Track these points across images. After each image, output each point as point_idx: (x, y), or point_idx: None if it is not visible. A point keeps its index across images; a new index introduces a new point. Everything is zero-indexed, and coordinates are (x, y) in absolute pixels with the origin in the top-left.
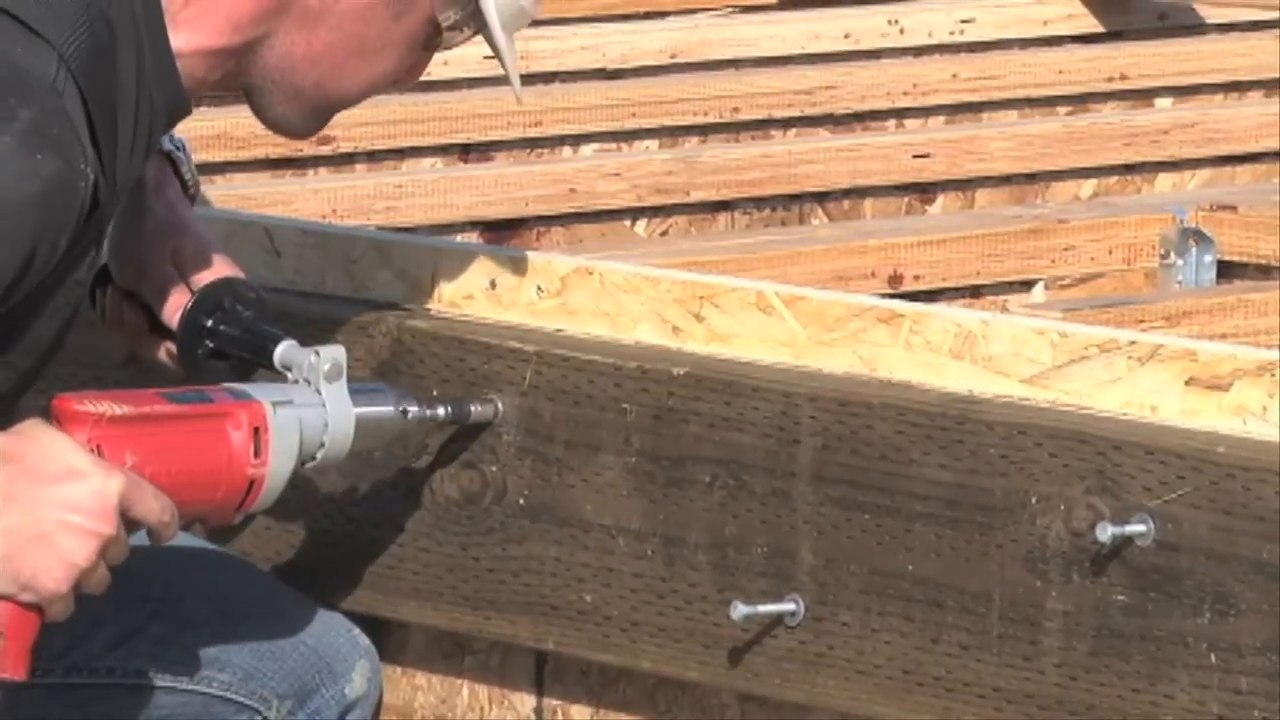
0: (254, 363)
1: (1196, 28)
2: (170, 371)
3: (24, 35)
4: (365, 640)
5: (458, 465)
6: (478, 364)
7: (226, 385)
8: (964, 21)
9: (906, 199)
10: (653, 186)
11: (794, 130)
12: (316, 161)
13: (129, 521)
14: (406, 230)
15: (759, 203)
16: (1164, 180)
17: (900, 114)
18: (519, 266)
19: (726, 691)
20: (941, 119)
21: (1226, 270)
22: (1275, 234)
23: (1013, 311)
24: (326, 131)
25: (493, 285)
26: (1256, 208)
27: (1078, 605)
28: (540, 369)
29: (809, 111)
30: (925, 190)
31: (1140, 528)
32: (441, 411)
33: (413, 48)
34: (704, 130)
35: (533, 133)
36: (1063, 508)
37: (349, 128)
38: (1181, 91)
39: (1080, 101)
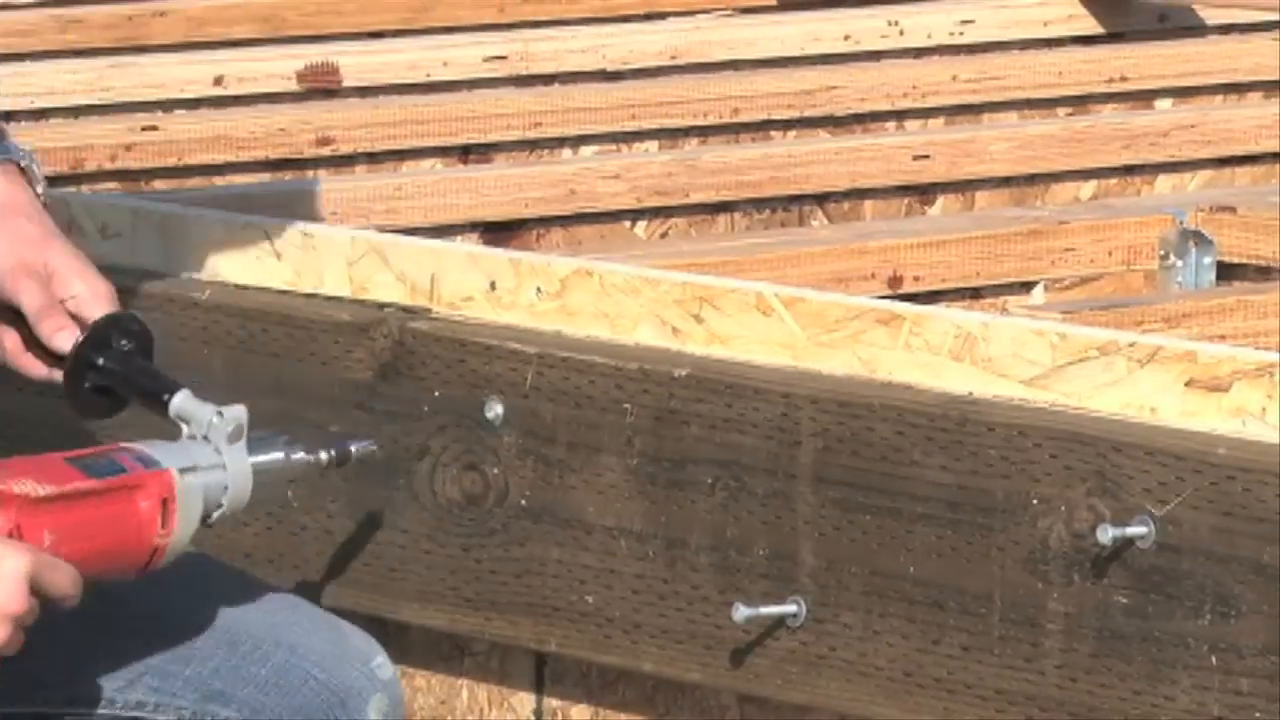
0: (146, 408)
1: (1196, 29)
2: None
3: None
4: (387, 672)
5: (459, 467)
6: (478, 365)
7: (131, 447)
8: (964, 23)
9: (906, 200)
10: (652, 188)
11: (794, 132)
12: (317, 163)
13: (36, 595)
14: (406, 232)
15: (759, 204)
16: (1164, 182)
17: (900, 115)
18: (519, 268)
19: (727, 693)
20: (941, 120)
21: (1226, 272)
22: (1275, 235)
23: (1012, 313)
24: (327, 133)
25: (493, 287)
26: (1256, 209)
27: (1079, 607)
28: (541, 370)
29: (809, 113)
30: (925, 192)
31: (1141, 529)
32: (324, 455)
33: None
34: (704, 131)
35: (532, 134)
36: (1063, 509)
37: (349, 129)
38: (1181, 93)
39: (1080, 103)
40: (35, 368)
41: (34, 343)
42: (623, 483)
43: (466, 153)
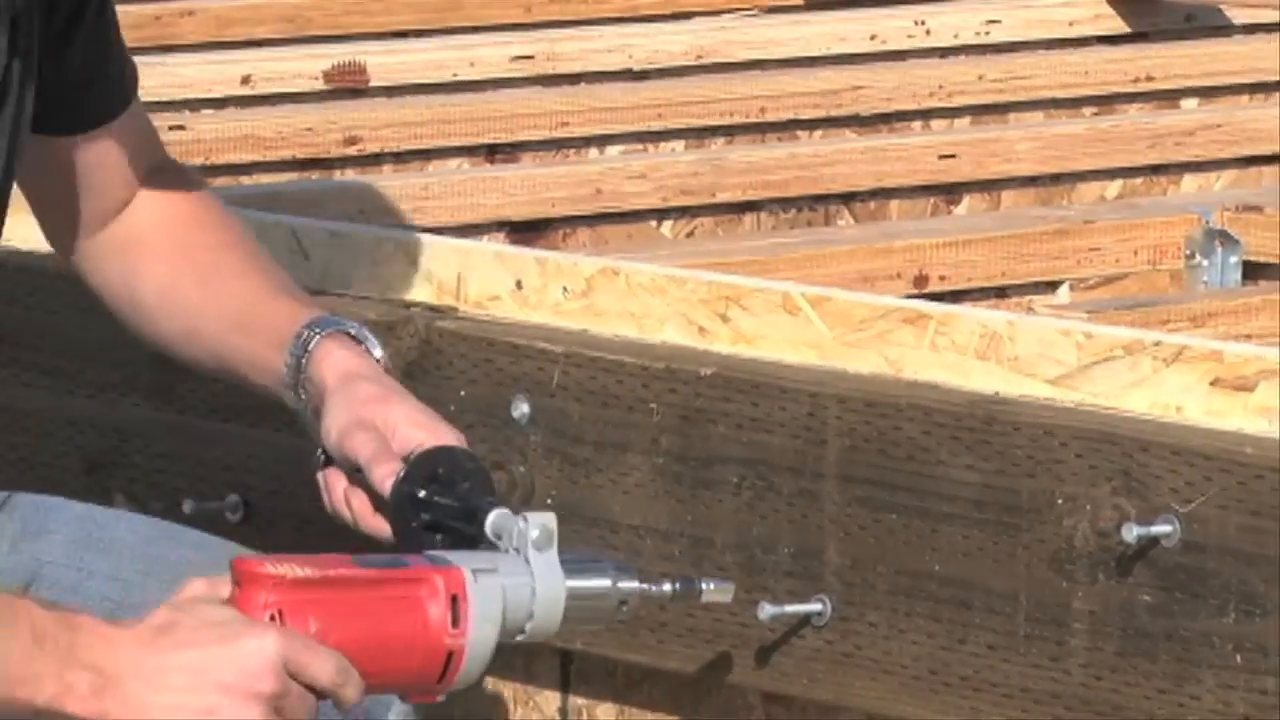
0: (468, 534)
1: (1223, 29)
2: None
3: None
4: None
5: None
6: (505, 364)
7: (427, 552)
8: (990, 22)
9: (932, 200)
10: (678, 187)
11: (820, 131)
12: (344, 162)
13: (303, 685)
14: (433, 231)
15: (785, 204)
16: (1190, 181)
17: (926, 115)
18: (545, 267)
19: (753, 692)
20: (967, 120)
21: (1252, 271)
22: None
23: (1038, 312)
24: (353, 132)
25: (519, 286)
26: None
27: (1104, 606)
28: (567, 369)
29: (835, 113)
30: (951, 191)
31: (1166, 528)
32: (667, 588)
33: None
34: (730, 131)
35: (559, 134)
36: (1089, 508)
37: (376, 129)
38: (1207, 92)
39: (1106, 102)
40: (384, 529)
41: (382, 504)
42: (649, 482)
43: (493, 152)
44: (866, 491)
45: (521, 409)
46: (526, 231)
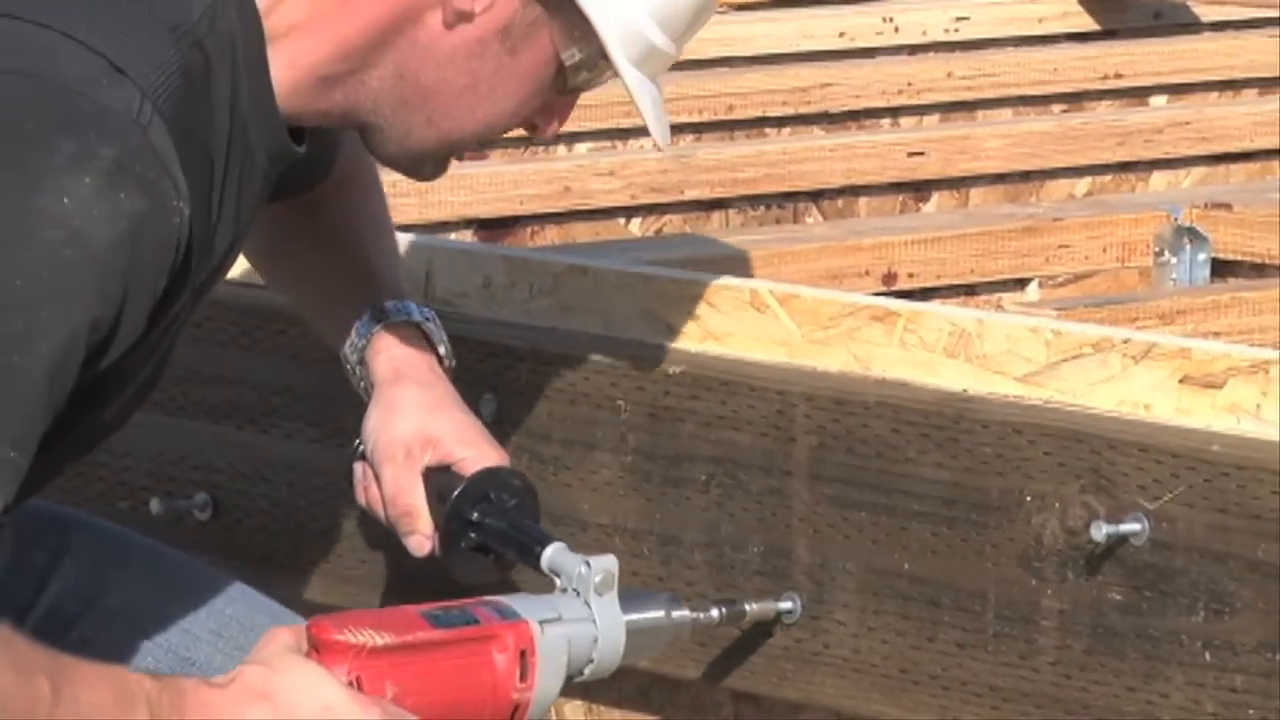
0: (519, 562)
1: (1191, 26)
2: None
3: (107, 70)
4: None
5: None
6: (473, 362)
7: (492, 600)
8: (959, 19)
9: (901, 197)
10: (647, 185)
11: (788, 129)
12: None
13: None
14: (401, 228)
15: (753, 201)
16: (1158, 178)
17: (895, 112)
18: (513, 265)
19: (722, 690)
20: (936, 117)
21: (1221, 268)
22: (1270, 232)
23: (1007, 310)
24: None
25: (487, 284)
26: (1251, 206)
27: (1073, 604)
28: (536, 367)
29: (804, 110)
30: (920, 189)
31: (1135, 526)
32: (715, 614)
33: (538, 87)
34: (698, 129)
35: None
36: (1058, 506)
37: None
38: (1176, 89)
39: (1075, 100)
40: (421, 546)
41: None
42: (617, 480)
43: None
44: (835, 490)
45: (490, 407)
46: (495, 229)
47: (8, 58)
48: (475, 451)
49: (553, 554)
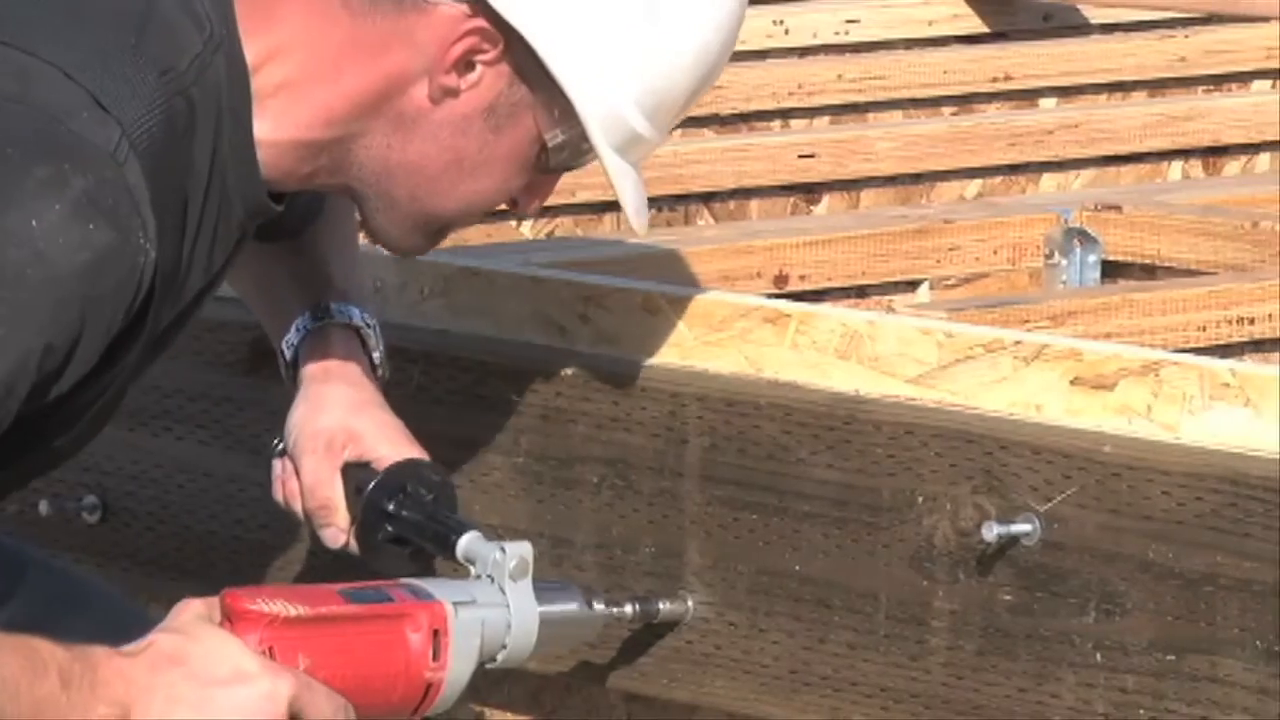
0: (434, 553)
1: (1081, 28)
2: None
3: (90, 105)
4: None
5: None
6: None
7: (407, 582)
8: (849, 22)
9: (792, 199)
10: None
11: (679, 131)
12: None
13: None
14: None
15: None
16: (1049, 180)
17: (786, 114)
18: (403, 267)
19: (614, 692)
20: (827, 119)
21: (1111, 270)
22: (1159, 234)
23: (898, 311)
24: None
25: (378, 286)
26: (1141, 208)
27: (964, 605)
28: (427, 370)
29: (695, 112)
30: (811, 190)
31: (1026, 527)
32: (629, 609)
33: (521, 166)
34: None
35: None
36: (949, 507)
37: None
38: (1066, 91)
39: (965, 102)
40: (335, 539)
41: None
42: (509, 481)
43: None
44: (727, 491)
45: None
46: None
47: None
48: (396, 450)
49: (468, 542)
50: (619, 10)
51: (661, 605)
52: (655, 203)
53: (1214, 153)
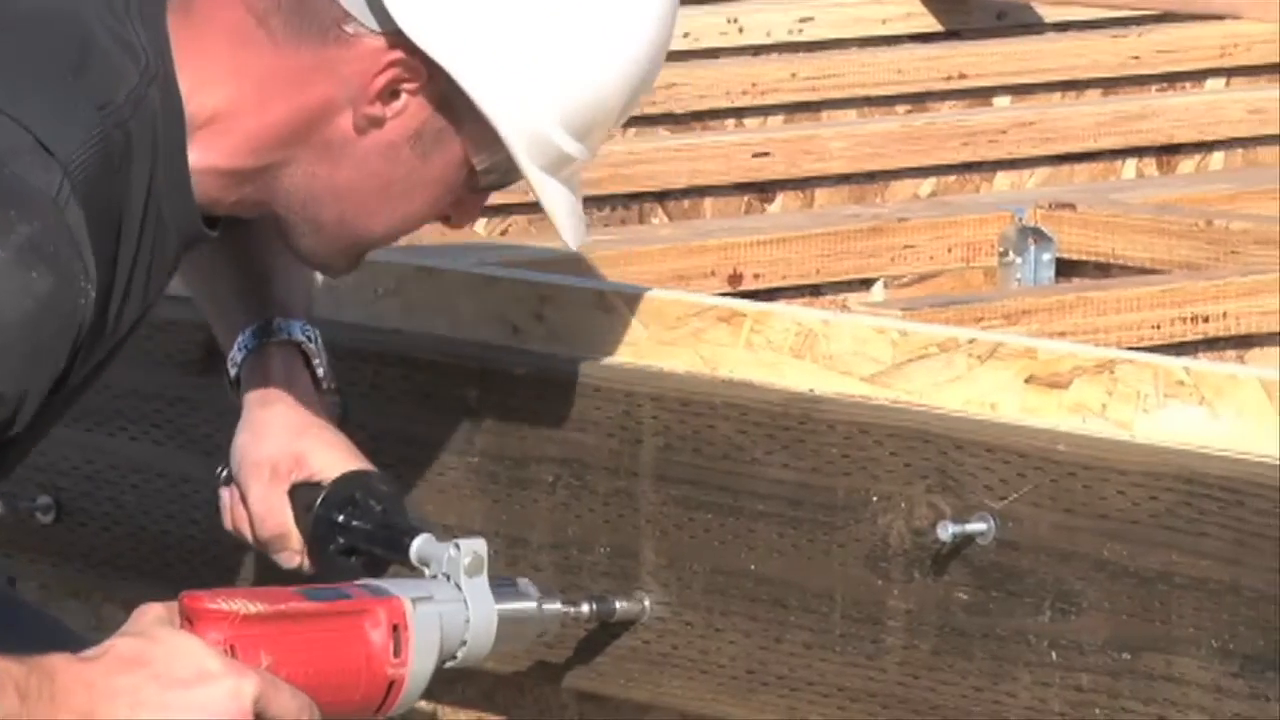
0: (388, 559)
1: (1034, 27)
2: (293, 574)
3: (34, 148)
4: None
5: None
6: None
7: (364, 582)
8: (803, 21)
9: (746, 198)
10: None
11: (633, 129)
12: None
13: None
14: None
15: (598, 202)
16: (1002, 179)
17: (739, 113)
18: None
19: (567, 691)
20: (781, 118)
21: (1065, 268)
22: (1114, 232)
23: (853, 310)
24: None
25: (331, 285)
26: (1095, 206)
27: (920, 604)
28: (380, 369)
29: (648, 110)
30: (764, 189)
31: (981, 526)
32: (585, 609)
33: (449, 189)
34: None
35: None
36: (904, 506)
37: None
38: (1019, 90)
39: (919, 100)
40: (290, 560)
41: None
42: (464, 481)
43: None
44: (682, 491)
45: (335, 409)
46: None
47: None
48: (343, 466)
49: (421, 544)
50: (538, 35)
51: (618, 605)
52: (608, 201)
53: (1168, 151)
